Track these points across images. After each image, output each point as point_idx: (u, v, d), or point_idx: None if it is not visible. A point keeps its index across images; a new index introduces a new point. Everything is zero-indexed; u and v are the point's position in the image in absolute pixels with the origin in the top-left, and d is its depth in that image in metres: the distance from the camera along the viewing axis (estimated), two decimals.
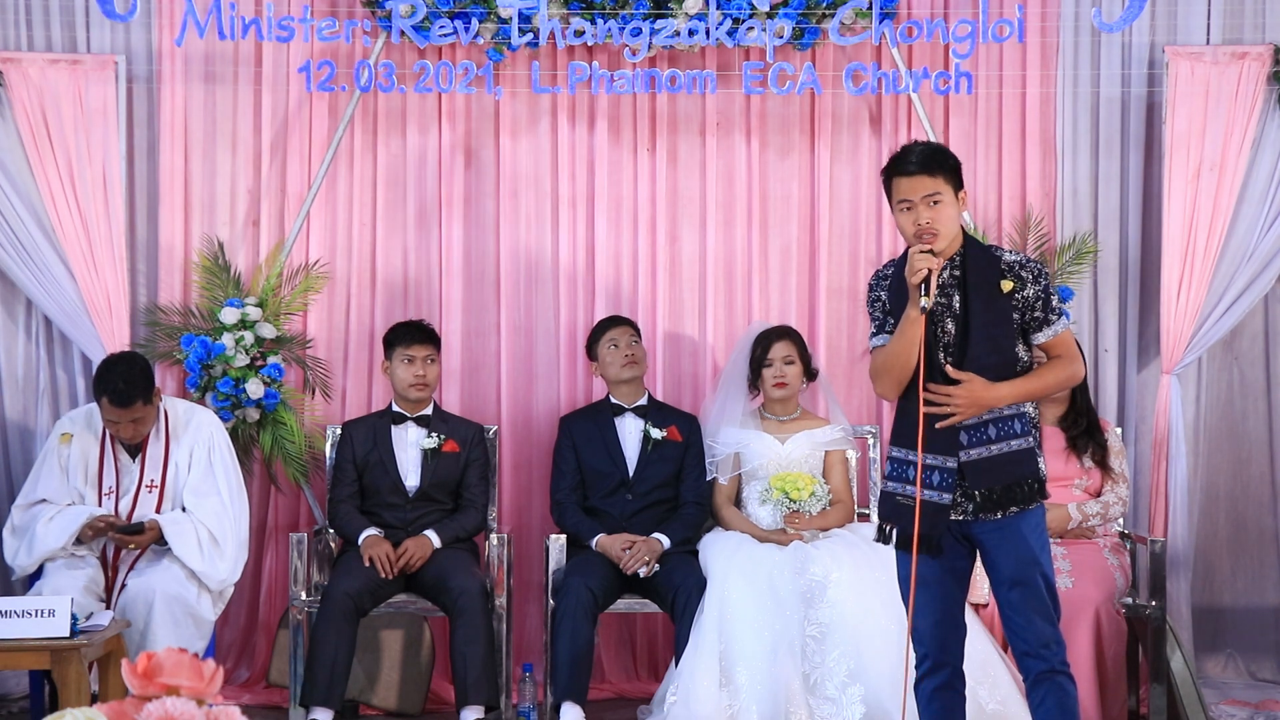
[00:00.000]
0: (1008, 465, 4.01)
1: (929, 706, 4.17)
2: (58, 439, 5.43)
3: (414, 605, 5.58)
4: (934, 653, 4.13)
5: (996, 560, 4.07)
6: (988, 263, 4.07)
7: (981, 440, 4.01)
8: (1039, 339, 4.09)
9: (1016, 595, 4.04)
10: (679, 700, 5.12)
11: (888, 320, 4.14)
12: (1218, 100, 5.93)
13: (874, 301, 4.19)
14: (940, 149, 4.15)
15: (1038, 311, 4.06)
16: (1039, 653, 4.04)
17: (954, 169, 4.08)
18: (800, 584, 5.23)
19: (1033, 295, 4.04)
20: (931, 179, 4.02)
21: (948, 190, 4.03)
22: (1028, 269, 4.06)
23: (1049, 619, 4.04)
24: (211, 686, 2.25)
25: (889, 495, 4.12)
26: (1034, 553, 4.03)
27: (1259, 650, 6.25)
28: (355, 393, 6.21)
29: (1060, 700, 4.04)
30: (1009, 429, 4.02)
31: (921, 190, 4.02)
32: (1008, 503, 4.01)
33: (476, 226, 6.25)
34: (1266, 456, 6.27)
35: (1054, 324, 4.08)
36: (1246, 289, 6.03)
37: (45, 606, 4.56)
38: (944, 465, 4.01)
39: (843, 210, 6.26)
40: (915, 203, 4.03)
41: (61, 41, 6.10)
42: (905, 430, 4.07)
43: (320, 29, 5.99)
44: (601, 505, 5.75)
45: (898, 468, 4.10)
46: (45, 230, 5.96)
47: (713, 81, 6.04)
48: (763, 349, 5.75)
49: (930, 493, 4.02)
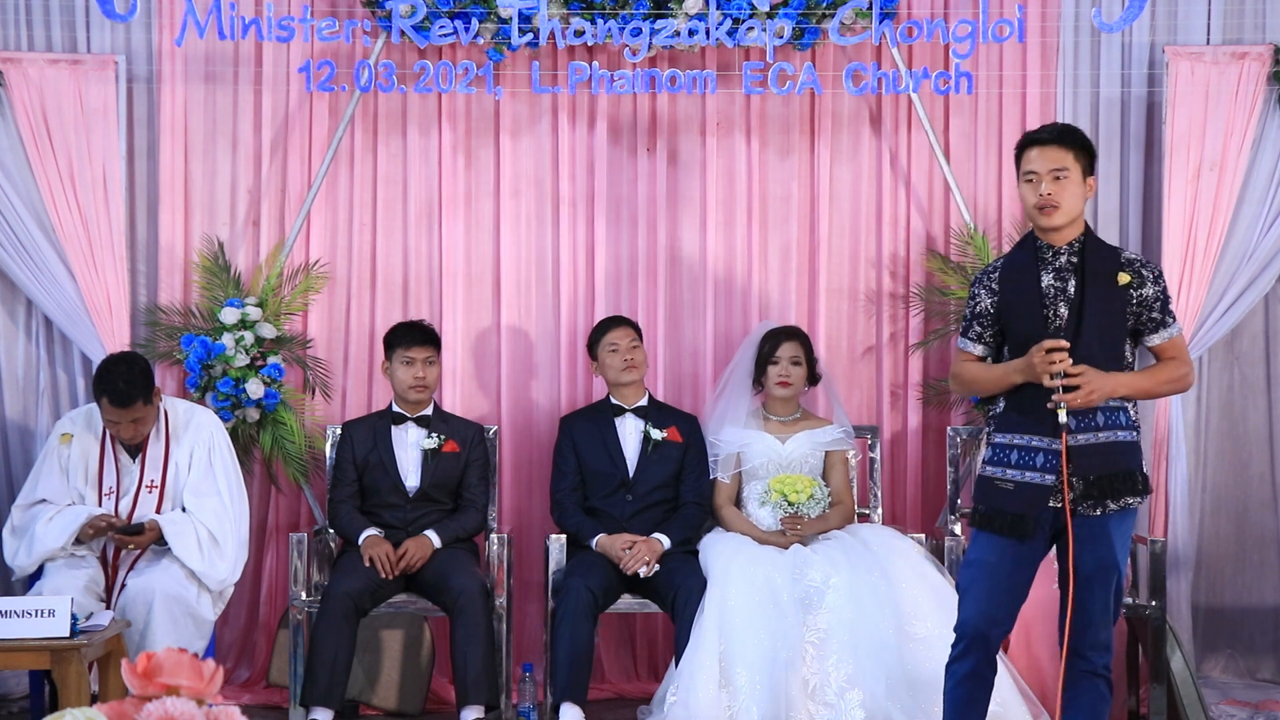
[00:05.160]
0: (1113, 454, 4.04)
1: (955, 691, 4.21)
2: (58, 439, 5.43)
3: (414, 605, 5.58)
4: (972, 643, 4.16)
5: (1079, 554, 4.06)
6: (1108, 253, 4.11)
7: (1089, 427, 4.03)
8: (1154, 340, 4.12)
9: (1087, 593, 4.06)
10: (679, 700, 5.12)
11: (974, 325, 4.23)
12: (1218, 100, 5.93)
13: (972, 298, 4.25)
14: (1077, 129, 4.20)
15: (1155, 312, 4.09)
16: (1087, 654, 4.09)
17: (1087, 148, 4.12)
18: (799, 589, 5.23)
19: (1151, 295, 4.08)
20: (1062, 151, 4.07)
21: (1076, 168, 4.08)
22: (1148, 268, 4.10)
23: (1108, 623, 4.09)
24: (211, 686, 2.25)
25: (986, 479, 4.14)
26: (1116, 556, 4.07)
27: (1259, 650, 6.25)
28: (355, 393, 6.21)
29: (1094, 703, 4.10)
30: (1115, 420, 4.06)
31: (1050, 163, 4.06)
32: (1109, 493, 4.02)
33: (476, 226, 6.25)
34: (1267, 457, 6.26)
35: (1170, 326, 4.13)
36: (1247, 289, 6.03)
37: (45, 606, 4.56)
38: (1049, 448, 4.03)
39: (843, 210, 6.26)
40: (1041, 174, 4.07)
41: (61, 41, 6.10)
42: (1014, 417, 4.10)
43: (320, 29, 5.99)
44: (601, 505, 5.75)
45: (999, 453, 4.12)
46: (45, 230, 5.96)
47: (713, 82, 6.03)
48: (771, 346, 5.76)
49: (1033, 474, 4.05)
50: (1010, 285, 4.13)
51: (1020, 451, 4.07)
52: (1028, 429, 4.07)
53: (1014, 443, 4.09)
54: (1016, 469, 4.07)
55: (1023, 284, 4.12)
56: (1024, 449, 4.07)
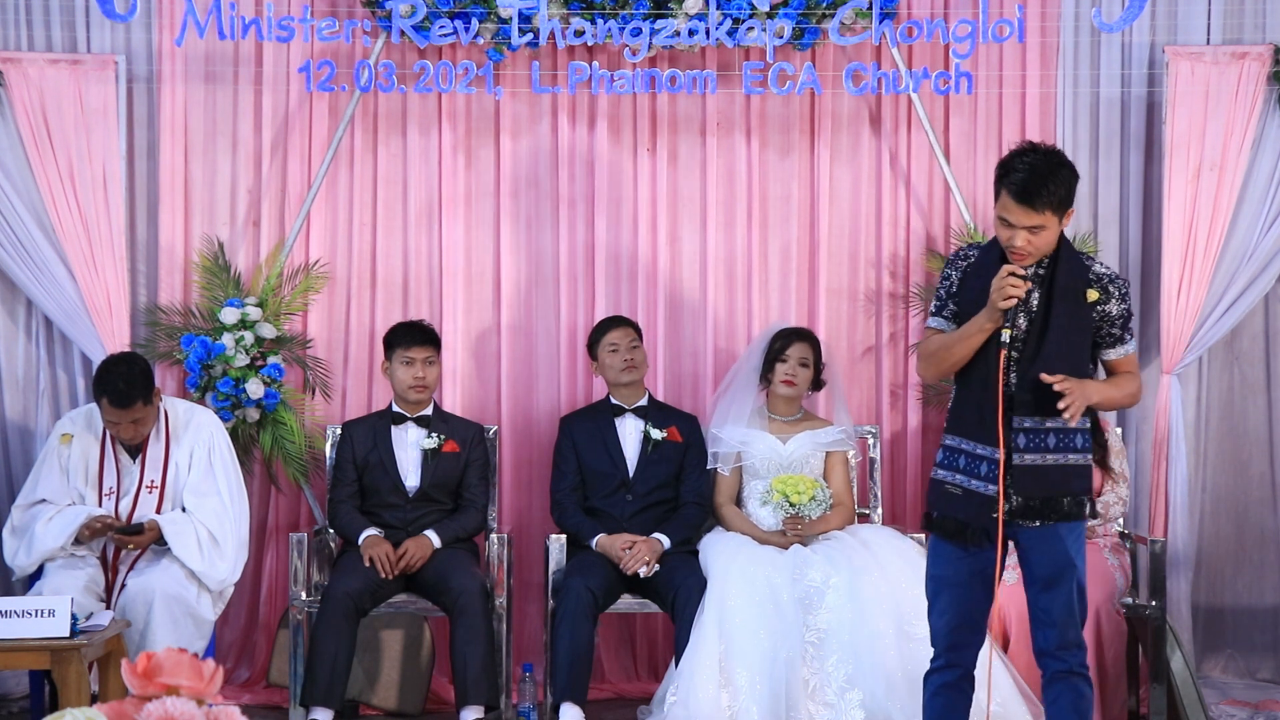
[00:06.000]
0: (1060, 477, 4.00)
1: (932, 701, 4.19)
2: (58, 439, 5.43)
3: (414, 605, 5.58)
4: (945, 653, 4.15)
5: (1032, 559, 4.07)
6: (1078, 268, 4.04)
7: (1039, 447, 3.99)
8: (1110, 355, 4.10)
9: (1047, 595, 4.05)
10: (679, 700, 5.12)
11: (948, 304, 4.12)
12: (1218, 100, 5.93)
13: (945, 278, 4.15)
14: (1053, 174, 3.92)
15: (1115, 328, 4.08)
16: (1059, 654, 4.07)
17: (1063, 200, 3.92)
18: (798, 590, 5.23)
19: (1116, 312, 4.06)
20: (1038, 214, 3.91)
21: (1053, 220, 3.93)
22: (1116, 285, 4.06)
23: (1075, 622, 4.06)
24: (211, 686, 2.25)
25: (938, 483, 4.12)
26: (1070, 555, 4.04)
27: (1259, 650, 6.25)
28: (355, 393, 6.21)
29: (1074, 701, 4.07)
30: (1070, 442, 4.02)
31: (1025, 221, 3.92)
32: (1049, 514, 4.01)
33: (476, 226, 6.25)
34: (1267, 457, 6.26)
35: (1128, 343, 4.12)
36: (1247, 289, 6.03)
37: (45, 606, 4.56)
38: (993, 457, 3.98)
39: (843, 210, 6.26)
40: (1017, 228, 3.94)
41: (61, 41, 6.09)
42: (959, 418, 4.07)
43: (320, 29, 5.99)
44: (601, 505, 5.75)
45: (949, 456, 4.10)
46: (45, 230, 5.96)
47: (713, 81, 6.03)
48: (782, 345, 5.76)
49: (977, 483, 4.02)
50: (974, 284, 4.04)
51: (967, 458, 4.04)
52: (974, 435, 4.01)
53: (961, 447, 4.06)
54: (964, 474, 4.04)
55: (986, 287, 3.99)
56: (970, 455, 4.03)
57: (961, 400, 4.10)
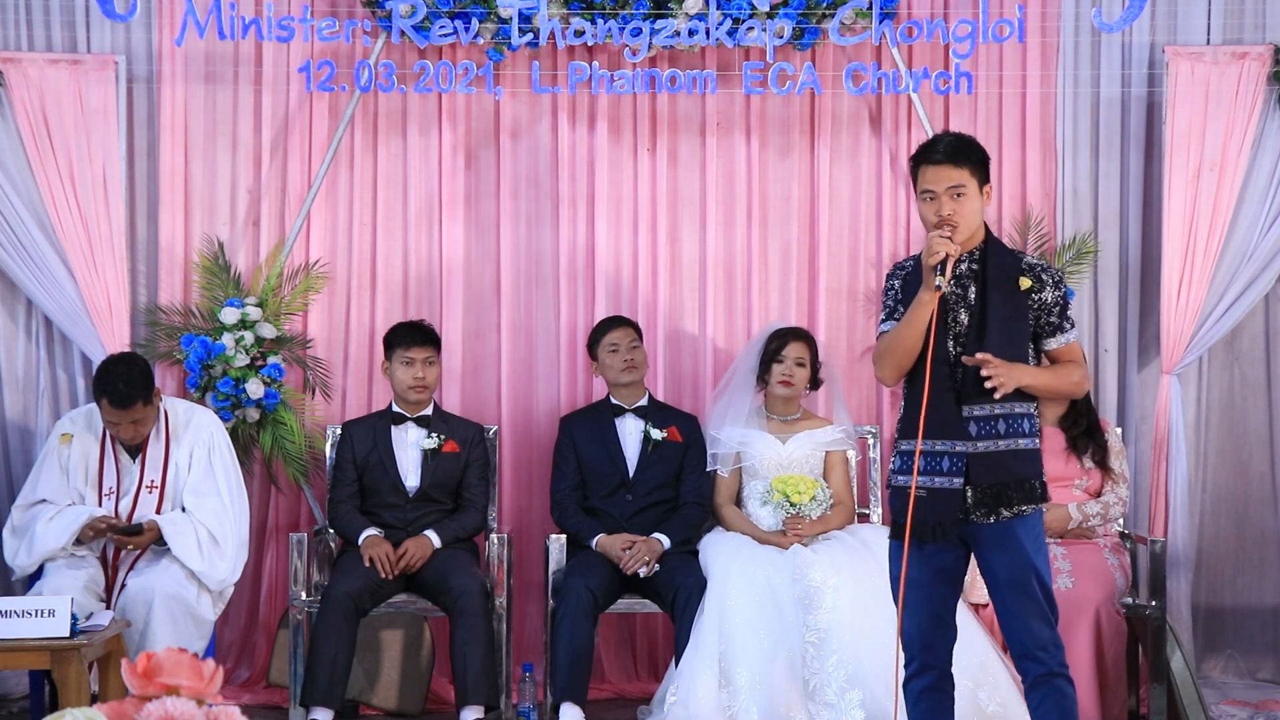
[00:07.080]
0: (1013, 462, 4.02)
1: (915, 706, 4.18)
2: (58, 439, 5.43)
3: (414, 605, 5.58)
4: (919, 655, 4.14)
5: (991, 563, 4.07)
6: (1009, 259, 4.10)
7: (990, 434, 4.01)
8: (1051, 344, 4.11)
9: (1012, 598, 4.04)
10: (679, 700, 5.12)
11: (898, 309, 4.15)
12: (1218, 100, 5.93)
13: (888, 290, 4.20)
14: (968, 141, 4.15)
15: (1054, 317, 4.09)
16: (1036, 655, 4.04)
17: (981, 162, 4.09)
18: (798, 590, 5.23)
19: (1050, 300, 4.08)
20: (957, 169, 4.03)
21: (972, 183, 4.05)
22: (1048, 273, 4.10)
23: (1046, 621, 4.04)
24: (211, 686, 2.25)
25: (900, 490, 4.11)
26: (1029, 555, 4.02)
27: (1259, 650, 6.25)
28: (355, 393, 6.21)
29: (1059, 703, 4.04)
30: (1018, 427, 4.04)
31: (945, 181, 4.03)
32: (1005, 502, 4.01)
33: (476, 226, 6.25)
34: (1267, 456, 6.26)
35: (1068, 332, 4.13)
36: (1247, 289, 6.03)
37: (45, 606, 4.56)
38: (954, 450, 4.01)
39: (843, 210, 6.26)
40: (939, 193, 4.04)
41: (61, 41, 6.10)
42: (912, 421, 4.07)
43: (320, 29, 5.99)
44: (601, 505, 5.75)
45: (904, 459, 4.10)
46: (45, 230, 5.96)
47: (713, 81, 6.04)
48: (779, 345, 5.76)
49: (941, 479, 4.02)
50: (916, 288, 4.07)
51: (925, 457, 4.04)
52: (930, 433, 4.01)
53: (913, 448, 4.05)
54: (925, 475, 4.04)
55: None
56: (927, 454, 4.03)
57: (912, 402, 4.10)
